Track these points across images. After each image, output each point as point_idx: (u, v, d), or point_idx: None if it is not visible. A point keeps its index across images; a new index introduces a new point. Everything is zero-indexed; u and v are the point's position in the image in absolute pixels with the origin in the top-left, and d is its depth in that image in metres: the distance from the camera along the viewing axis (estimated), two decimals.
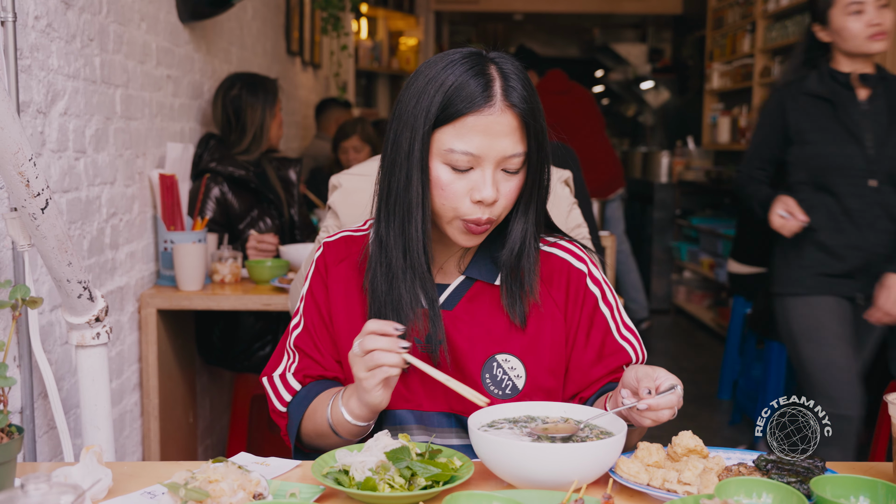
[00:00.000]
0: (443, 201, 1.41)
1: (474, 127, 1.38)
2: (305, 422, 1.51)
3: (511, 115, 1.39)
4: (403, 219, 1.43)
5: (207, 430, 3.47)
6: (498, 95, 1.39)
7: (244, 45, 4.10)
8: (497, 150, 1.39)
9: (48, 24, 2.01)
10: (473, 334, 1.50)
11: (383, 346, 1.33)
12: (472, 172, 1.40)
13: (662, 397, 1.30)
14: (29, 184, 1.54)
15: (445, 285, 1.54)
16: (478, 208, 1.41)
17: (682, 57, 10.03)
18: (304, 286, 1.60)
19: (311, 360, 1.55)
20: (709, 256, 6.66)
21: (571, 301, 1.54)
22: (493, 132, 1.38)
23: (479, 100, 1.37)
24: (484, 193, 1.39)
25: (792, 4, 5.82)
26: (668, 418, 1.32)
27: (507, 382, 1.49)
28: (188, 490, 1.14)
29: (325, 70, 6.60)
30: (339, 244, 1.59)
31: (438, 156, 1.40)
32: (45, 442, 2.00)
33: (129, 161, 2.60)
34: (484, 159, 1.39)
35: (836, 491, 1.20)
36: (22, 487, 1.02)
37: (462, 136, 1.38)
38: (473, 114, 1.37)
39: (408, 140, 1.41)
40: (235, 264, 2.94)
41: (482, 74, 1.39)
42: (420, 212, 1.42)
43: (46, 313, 2.02)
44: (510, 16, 10.62)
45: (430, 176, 1.41)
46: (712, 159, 7.64)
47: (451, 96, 1.38)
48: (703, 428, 4.48)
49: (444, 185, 1.40)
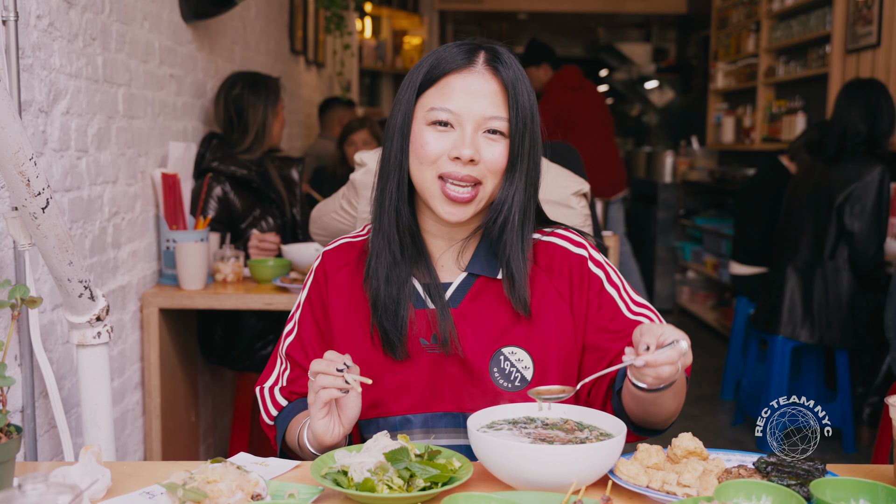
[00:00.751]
0: (422, 159, 1.43)
1: (455, 86, 1.42)
2: (288, 437, 1.53)
3: (492, 79, 1.43)
4: (383, 186, 1.48)
5: (209, 429, 3.47)
6: (480, 60, 1.43)
7: (247, 44, 4.10)
8: (477, 109, 1.41)
9: (50, 24, 2.01)
10: (479, 330, 1.49)
11: (321, 368, 1.34)
12: (452, 132, 1.42)
13: (661, 352, 1.26)
14: (29, 183, 1.55)
15: (448, 283, 1.53)
16: (455, 164, 1.42)
17: (686, 56, 10.02)
18: (303, 294, 1.60)
19: (302, 370, 1.56)
20: (712, 256, 6.65)
21: (576, 287, 1.52)
22: (473, 92, 1.41)
23: (461, 60, 1.43)
24: (462, 150, 1.40)
25: (797, 4, 5.81)
26: (670, 375, 1.28)
27: (516, 374, 1.48)
28: (186, 490, 1.14)
29: (329, 69, 6.60)
30: (338, 252, 1.59)
31: (422, 119, 1.44)
32: (46, 441, 2.00)
33: (131, 160, 2.60)
34: (464, 118, 1.41)
35: (835, 493, 1.19)
36: (19, 487, 1.02)
37: (443, 94, 1.42)
38: (454, 73, 1.42)
39: (396, 112, 1.46)
40: (237, 263, 2.94)
41: (469, 48, 1.45)
42: (396, 176, 1.46)
43: (48, 312, 2.02)
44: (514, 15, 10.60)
45: (413, 140, 1.44)
46: (716, 159, 7.63)
47: (436, 62, 1.44)
48: (706, 429, 4.47)
49: (424, 143, 1.43)
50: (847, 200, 3.73)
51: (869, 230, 3.71)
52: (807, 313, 3.88)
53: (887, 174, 3.72)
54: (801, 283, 3.89)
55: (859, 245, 3.73)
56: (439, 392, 1.49)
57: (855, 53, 4.96)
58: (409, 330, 1.48)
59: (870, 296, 3.80)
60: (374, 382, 1.47)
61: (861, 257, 3.74)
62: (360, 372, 1.42)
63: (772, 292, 4.03)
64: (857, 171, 3.74)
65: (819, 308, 3.85)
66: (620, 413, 1.47)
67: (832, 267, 3.82)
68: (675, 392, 1.39)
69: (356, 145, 4.61)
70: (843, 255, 3.80)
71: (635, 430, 1.49)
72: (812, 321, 3.87)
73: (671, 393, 1.38)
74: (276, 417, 1.57)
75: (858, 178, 3.72)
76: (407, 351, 1.48)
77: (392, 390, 1.50)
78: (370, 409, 1.51)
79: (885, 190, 3.71)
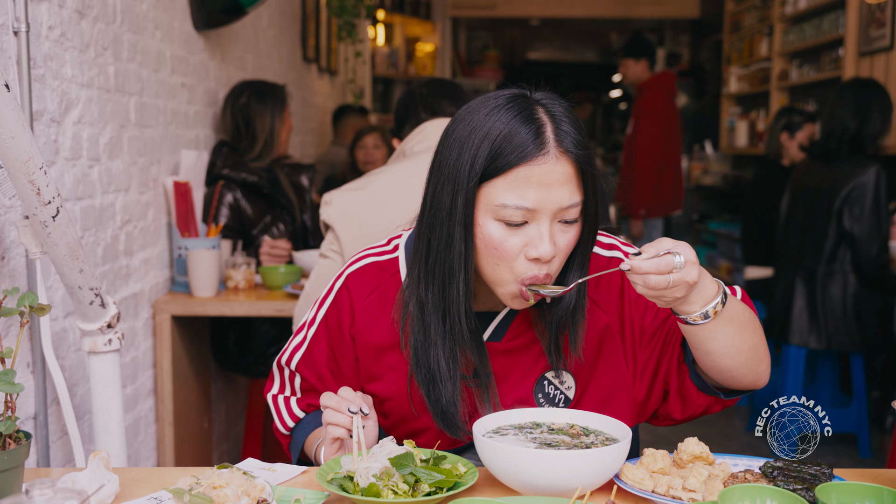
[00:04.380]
0: (497, 261, 1.31)
1: (528, 178, 1.27)
2: (305, 448, 1.53)
3: (566, 163, 1.28)
4: (444, 281, 1.34)
5: (222, 435, 3.48)
6: (551, 142, 1.27)
7: (260, 53, 4.13)
8: (554, 201, 1.28)
9: (62, 34, 2.03)
10: (524, 362, 1.45)
11: (332, 405, 1.32)
12: (527, 227, 1.29)
13: (648, 260, 1.20)
14: (39, 192, 1.56)
15: (493, 314, 1.45)
16: (534, 265, 1.30)
17: (699, 61, 10.00)
18: (320, 311, 1.53)
19: (312, 384, 1.54)
20: (727, 261, 6.63)
21: (615, 292, 1.46)
22: (549, 183, 1.27)
23: (531, 148, 1.26)
24: (542, 250, 1.28)
25: (809, 7, 5.79)
26: (659, 286, 1.21)
27: (560, 396, 1.45)
28: (192, 496, 1.15)
29: (342, 77, 6.63)
30: (365, 274, 1.50)
31: (488, 212, 1.29)
32: (58, 448, 2.02)
33: (143, 168, 2.62)
34: (540, 213, 1.28)
35: (841, 498, 1.18)
36: (27, 493, 1.03)
37: (515, 188, 1.27)
38: (526, 164, 1.26)
39: (450, 195, 1.30)
40: (249, 270, 2.95)
41: (531, 120, 1.28)
42: (462, 273, 1.33)
43: (60, 320, 2.04)
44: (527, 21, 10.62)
45: (481, 234, 1.31)
46: (730, 163, 7.61)
47: (500, 146, 1.27)
48: (720, 434, 4.45)
49: (498, 244, 1.30)
50: (845, 203, 3.72)
51: (870, 231, 3.69)
52: (813, 319, 3.86)
53: (883, 174, 3.70)
54: (805, 289, 3.88)
55: (861, 247, 3.71)
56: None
57: (868, 56, 4.94)
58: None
59: (876, 298, 3.78)
60: (411, 419, 1.45)
61: (864, 259, 3.72)
62: (394, 409, 1.42)
63: (779, 300, 4.02)
64: (853, 173, 3.72)
65: (825, 313, 3.83)
66: (702, 383, 1.41)
67: (835, 270, 3.80)
68: (730, 322, 1.30)
69: (366, 148, 4.64)
70: (846, 257, 3.79)
71: (727, 395, 1.42)
72: (819, 326, 3.85)
73: (723, 323, 1.29)
74: (293, 428, 1.56)
75: (854, 180, 3.70)
76: (465, 430, 1.40)
77: (432, 426, 1.45)
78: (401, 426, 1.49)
79: (882, 189, 3.69)
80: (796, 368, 3.96)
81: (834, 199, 3.75)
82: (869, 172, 3.68)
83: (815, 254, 3.85)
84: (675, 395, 1.47)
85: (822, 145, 3.87)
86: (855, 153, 3.76)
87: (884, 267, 3.73)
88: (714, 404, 1.44)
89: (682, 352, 1.46)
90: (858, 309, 3.78)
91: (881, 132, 3.78)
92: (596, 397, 1.46)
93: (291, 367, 1.56)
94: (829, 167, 3.84)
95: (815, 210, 3.87)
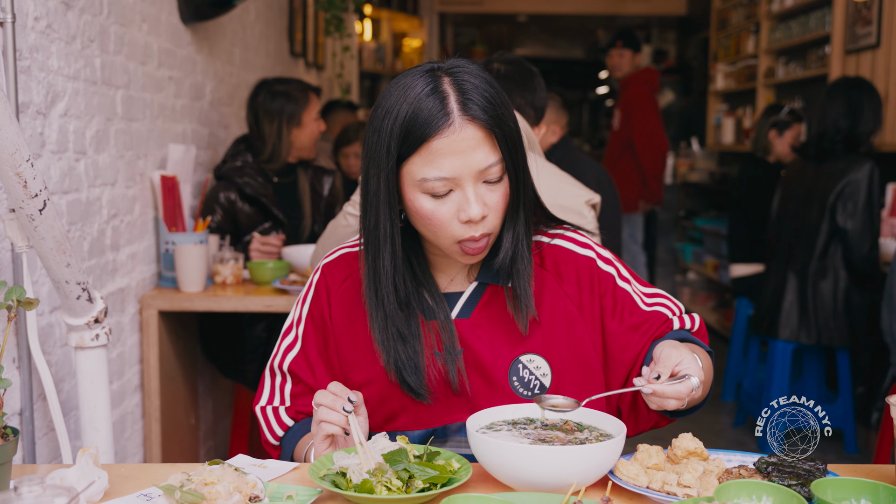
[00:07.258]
0: (435, 230, 1.37)
1: (440, 150, 1.32)
2: (294, 456, 1.52)
3: (475, 128, 1.33)
4: (375, 256, 1.40)
5: (209, 432, 3.46)
6: (455, 112, 1.32)
7: (247, 47, 4.10)
8: (471, 166, 1.33)
9: (48, 25, 2.01)
10: (494, 339, 1.47)
11: (326, 403, 1.33)
12: (453, 194, 1.35)
13: (670, 386, 1.29)
14: (26, 185, 1.54)
15: (459, 294, 1.50)
16: (469, 227, 1.36)
17: (686, 58, 10.01)
18: (304, 308, 1.56)
19: (306, 387, 1.53)
20: (713, 258, 6.65)
21: (586, 290, 1.50)
22: (461, 150, 1.32)
23: (437, 121, 1.31)
24: (471, 212, 1.34)
25: (796, 5, 5.80)
26: (674, 408, 1.31)
27: (535, 382, 1.46)
28: (183, 492, 1.13)
29: (329, 71, 6.60)
30: (339, 263, 1.55)
31: (415, 187, 1.35)
32: (44, 444, 1.99)
33: (130, 162, 2.59)
34: (461, 179, 1.33)
35: (836, 493, 1.19)
36: (16, 490, 1.01)
37: (430, 162, 1.33)
38: (435, 137, 1.31)
39: (375, 178, 1.37)
40: (237, 265, 2.93)
41: (435, 93, 1.32)
42: (389, 247, 1.39)
43: (46, 315, 2.02)
44: (514, 17, 10.60)
45: (414, 209, 1.37)
46: (717, 160, 7.62)
47: (409, 125, 1.32)
48: (706, 430, 4.46)
49: (430, 215, 1.36)
50: (839, 199, 3.73)
51: (862, 227, 3.71)
52: (804, 314, 3.88)
53: (876, 171, 3.71)
54: (797, 284, 3.89)
55: (853, 243, 3.73)
56: (457, 404, 1.46)
57: (855, 54, 4.96)
58: (427, 354, 1.45)
59: (865, 294, 3.79)
60: (389, 401, 1.45)
61: (856, 255, 3.74)
62: (373, 393, 1.43)
63: (769, 296, 4.03)
64: (847, 169, 3.73)
65: (815, 308, 3.85)
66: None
67: (827, 266, 3.82)
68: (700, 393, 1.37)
69: (349, 158, 4.39)
70: (837, 253, 3.80)
71: (671, 414, 1.47)
72: (809, 321, 3.87)
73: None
74: (282, 438, 1.55)
75: (848, 175, 3.71)
76: (431, 393, 1.45)
77: (410, 406, 1.47)
78: (386, 424, 1.49)
79: (875, 186, 3.71)
80: (783, 364, 3.97)
81: (828, 195, 3.76)
82: (863, 169, 3.69)
83: (807, 250, 3.86)
84: (627, 412, 1.52)
85: (815, 146, 3.87)
86: (848, 152, 3.77)
87: (874, 263, 3.75)
88: (661, 420, 1.50)
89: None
90: (848, 305, 3.80)
91: (873, 129, 3.79)
92: (573, 386, 1.47)
93: (284, 368, 1.55)
94: (822, 166, 3.85)
95: (807, 207, 3.88)
